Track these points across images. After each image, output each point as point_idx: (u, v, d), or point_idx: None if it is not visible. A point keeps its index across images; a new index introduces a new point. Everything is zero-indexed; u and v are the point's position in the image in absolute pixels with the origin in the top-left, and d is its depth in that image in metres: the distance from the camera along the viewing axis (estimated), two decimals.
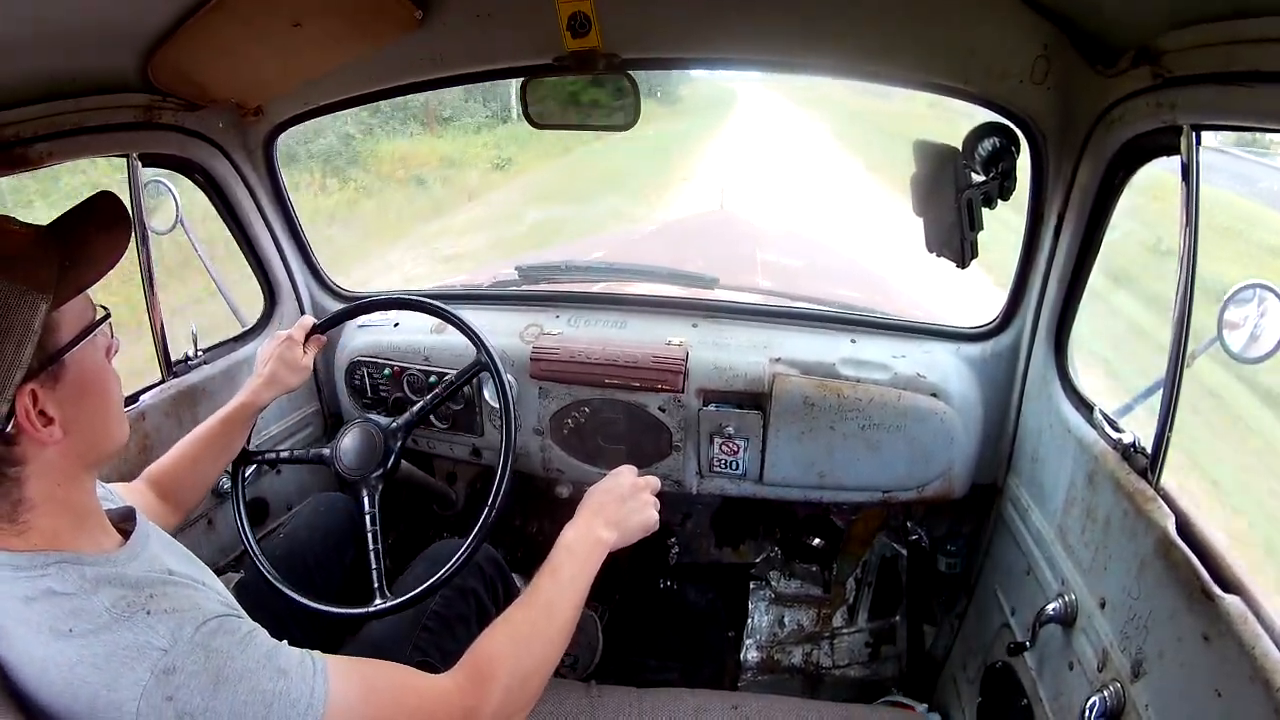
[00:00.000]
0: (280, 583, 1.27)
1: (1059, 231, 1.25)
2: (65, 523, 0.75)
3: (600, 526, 1.05)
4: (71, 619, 0.70)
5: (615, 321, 1.67)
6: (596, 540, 1.04)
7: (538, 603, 0.96)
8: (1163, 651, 0.88)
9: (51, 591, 0.71)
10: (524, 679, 0.90)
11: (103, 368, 0.79)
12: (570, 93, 1.39)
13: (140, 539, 0.83)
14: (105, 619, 0.71)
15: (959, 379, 1.48)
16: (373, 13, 1.24)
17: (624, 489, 1.11)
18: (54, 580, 0.72)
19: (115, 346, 0.83)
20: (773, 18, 1.24)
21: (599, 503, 1.09)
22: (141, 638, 0.70)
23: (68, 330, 0.74)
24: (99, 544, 0.78)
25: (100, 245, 0.77)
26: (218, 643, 0.72)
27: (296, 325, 1.40)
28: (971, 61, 1.20)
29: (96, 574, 0.74)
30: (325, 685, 0.75)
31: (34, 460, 0.72)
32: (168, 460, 1.24)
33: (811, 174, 10.70)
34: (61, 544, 0.74)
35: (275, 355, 1.33)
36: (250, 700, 0.71)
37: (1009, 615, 1.37)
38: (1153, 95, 0.95)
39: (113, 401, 0.81)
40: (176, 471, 1.23)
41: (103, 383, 0.79)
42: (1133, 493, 0.98)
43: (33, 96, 1.11)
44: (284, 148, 1.67)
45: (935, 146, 1.16)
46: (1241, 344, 0.93)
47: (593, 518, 1.07)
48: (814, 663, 1.86)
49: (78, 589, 0.72)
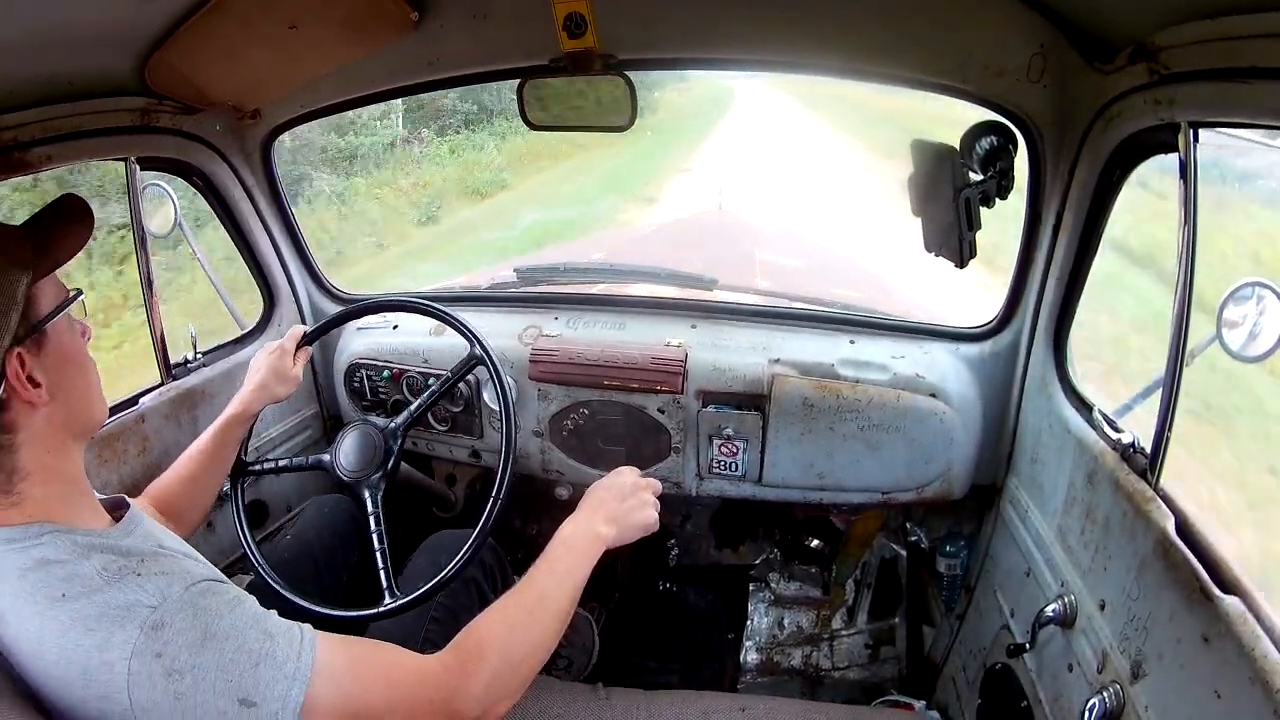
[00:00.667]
0: (284, 588, 1.27)
1: (1057, 230, 1.24)
2: (56, 492, 0.79)
3: (600, 522, 1.06)
4: (64, 584, 0.72)
5: (614, 323, 1.67)
6: (595, 536, 1.04)
7: (532, 590, 0.97)
8: (1162, 653, 0.88)
9: (45, 560, 0.74)
10: (514, 665, 0.91)
11: (79, 344, 0.85)
12: (567, 94, 1.39)
13: (133, 519, 0.86)
14: (97, 582, 0.73)
15: (958, 379, 1.47)
16: (369, 15, 1.24)
17: (625, 487, 1.12)
18: (48, 549, 0.74)
19: (88, 333, 0.88)
20: (769, 18, 1.24)
21: (599, 499, 1.10)
22: (132, 597, 0.72)
23: (46, 304, 0.80)
24: (91, 520, 0.82)
25: (69, 235, 0.85)
26: (206, 602, 0.74)
27: (288, 335, 1.42)
28: (968, 60, 1.19)
29: (89, 542, 0.76)
30: (312, 653, 0.76)
31: (25, 428, 0.76)
32: (168, 478, 1.26)
33: (812, 173, 10.51)
34: (54, 515, 0.77)
35: (266, 365, 1.36)
36: (236, 659, 0.72)
37: (1008, 616, 1.36)
38: (1150, 92, 0.95)
39: (92, 376, 0.87)
40: (177, 489, 1.25)
41: (80, 355, 0.85)
42: (1132, 493, 0.98)
43: (30, 100, 1.12)
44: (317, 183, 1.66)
45: (933, 146, 1.16)
46: (1240, 342, 0.92)
47: (592, 514, 1.07)
48: (813, 664, 1.85)
49: (70, 555, 0.74)
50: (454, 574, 1.23)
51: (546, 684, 1.40)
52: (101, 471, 1.32)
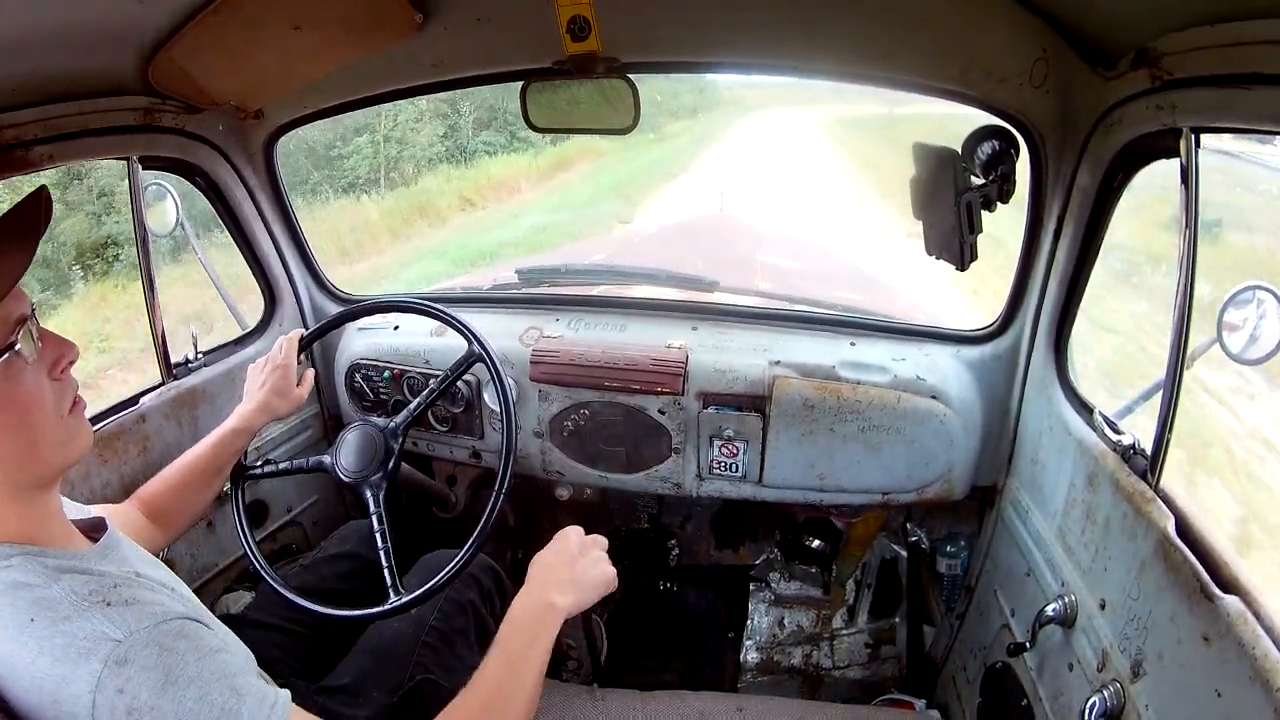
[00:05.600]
0: (284, 587, 1.27)
1: (1058, 234, 1.25)
2: (24, 527, 0.75)
3: (552, 593, 1.00)
4: (33, 608, 0.70)
5: (615, 324, 1.67)
6: (548, 607, 0.98)
7: (488, 686, 0.92)
8: (1162, 652, 0.89)
9: (15, 584, 0.71)
10: None
11: (22, 395, 0.71)
12: (570, 96, 1.39)
13: (111, 543, 0.82)
14: (64, 608, 0.70)
15: (958, 381, 1.48)
16: (373, 16, 1.25)
17: (571, 550, 1.06)
18: (17, 572, 0.72)
19: (71, 355, 0.76)
20: (772, 22, 1.24)
21: (546, 567, 1.04)
22: (98, 628, 0.70)
23: None
24: (63, 545, 0.78)
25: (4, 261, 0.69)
26: (174, 643, 0.71)
27: (285, 345, 1.40)
28: (970, 65, 1.20)
29: (59, 564, 0.73)
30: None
31: None
32: (158, 483, 1.24)
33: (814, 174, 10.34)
34: (23, 537, 0.74)
35: (269, 386, 1.34)
36: (197, 709, 0.69)
37: (1009, 616, 1.37)
38: (1152, 98, 0.95)
39: (39, 426, 0.73)
40: (166, 495, 1.23)
41: (19, 412, 0.71)
42: (1132, 494, 0.99)
43: (33, 99, 1.11)
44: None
45: (935, 149, 1.16)
46: (1241, 346, 0.93)
47: (542, 587, 1.01)
48: (814, 664, 1.86)
49: (40, 579, 0.72)
50: (451, 578, 1.24)
51: (544, 686, 1.41)
52: (102, 471, 1.32)
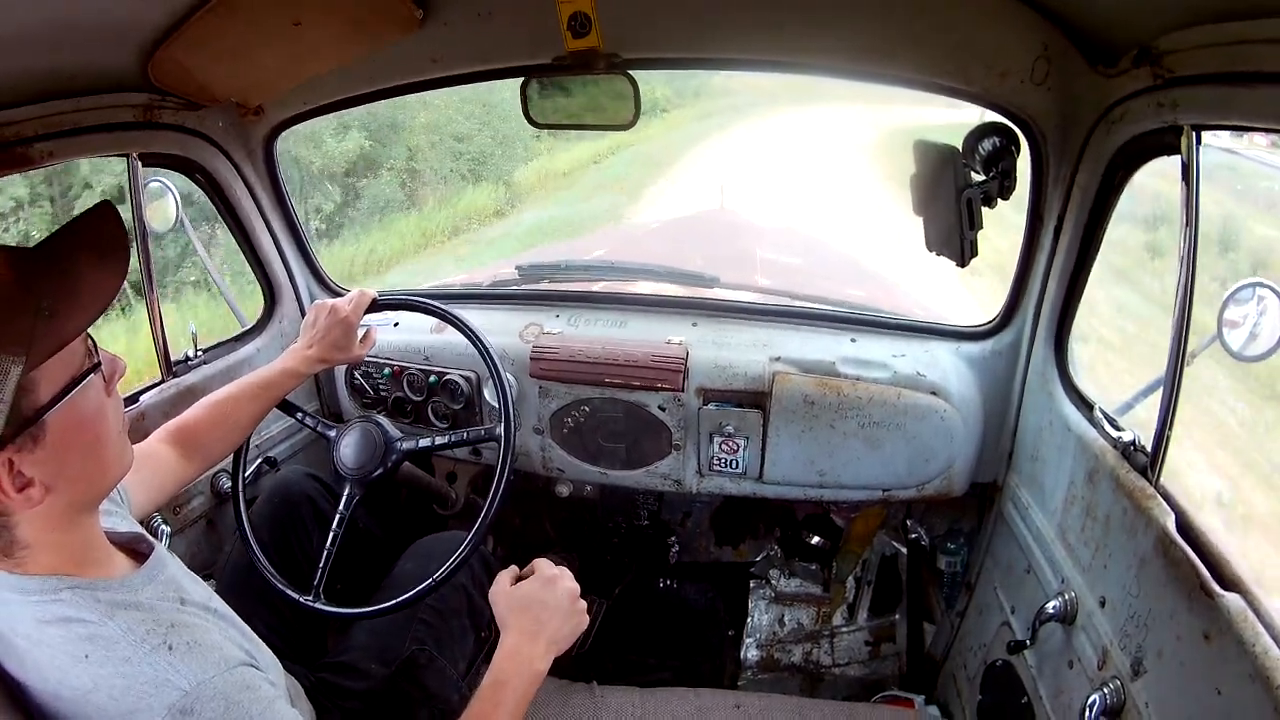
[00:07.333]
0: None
1: (1059, 231, 1.25)
2: (65, 557, 0.73)
3: (540, 652, 0.97)
4: (87, 644, 0.70)
5: (615, 320, 1.67)
6: (535, 675, 0.96)
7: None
8: (1163, 649, 0.89)
9: (67, 618, 0.70)
10: None
11: (93, 413, 0.71)
12: (571, 92, 1.39)
13: (157, 564, 0.82)
14: (124, 649, 0.70)
15: (959, 378, 1.48)
16: (373, 12, 1.24)
17: (564, 603, 1.02)
18: (67, 606, 0.71)
19: (121, 370, 0.76)
20: (773, 18, 1.24)
21: (536, 620, 0.99)
22: (163, 674, 0.69)
23: (48, 386, 0.65)
24: (107, 571, 0.77)
25: (90, 281, 0.67)
26: (239, 695, 0.72)
27: (358, 299, 1.35)
28: (972, 62, 1.20)
29: (111, 599, 0.73)
30: None
31: (19, 513, 0.68)
32: (198, 413, 1.22)
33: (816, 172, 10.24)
34: (68, 568, 0.73)
35: (330, 340, 1.31)
36: None
37: (1009, 613, 1.37)
38: (1153, 95, 0.95)
39: (108, 444, 0.74)
40: (208, 426, 1.21)
41: (93, 430, 0.71)
42: (1132, 491, 0.99)
43: (32, 95, 1.11)
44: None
45: (935, 146, 1.16)
46: (1241, 342, 0.93)
47: (532, 643, 0.97)
48: (814, 661, 1.86)
49: (93, 615, 0.71)
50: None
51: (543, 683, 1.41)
52: None
